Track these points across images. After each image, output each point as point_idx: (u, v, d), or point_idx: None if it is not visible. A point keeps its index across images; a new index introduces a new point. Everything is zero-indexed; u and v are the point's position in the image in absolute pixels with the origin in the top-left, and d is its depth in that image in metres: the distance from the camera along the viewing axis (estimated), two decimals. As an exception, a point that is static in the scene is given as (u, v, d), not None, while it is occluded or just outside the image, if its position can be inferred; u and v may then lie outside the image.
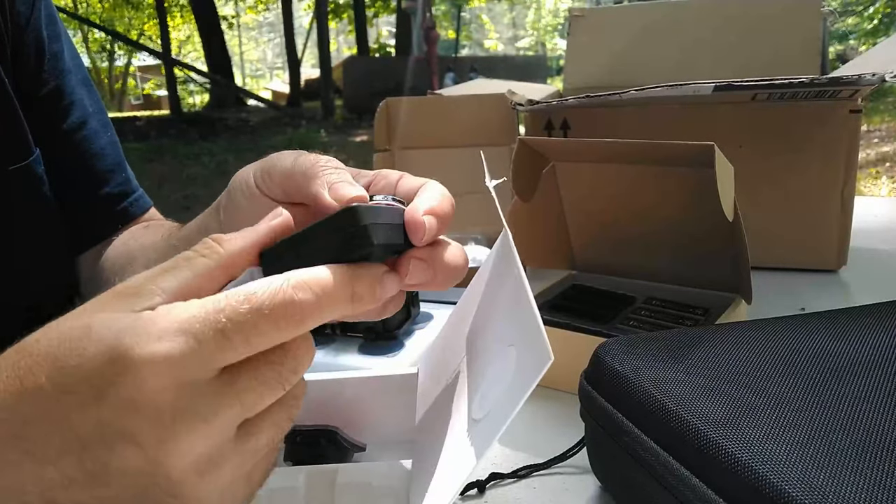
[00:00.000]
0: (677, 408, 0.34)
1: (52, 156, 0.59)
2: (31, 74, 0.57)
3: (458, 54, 19.50)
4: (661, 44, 0.98)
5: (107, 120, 0.64)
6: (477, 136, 0.88)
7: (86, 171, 0.61)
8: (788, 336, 0.40)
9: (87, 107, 0.62)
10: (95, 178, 0.62)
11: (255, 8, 21.40)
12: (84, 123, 0.61)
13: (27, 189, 0.56)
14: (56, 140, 0.59)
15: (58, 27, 0.61)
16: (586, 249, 0.69)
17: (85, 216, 0.62)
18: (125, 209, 0.63)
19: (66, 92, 0.60)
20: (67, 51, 0.61)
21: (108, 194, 0.62)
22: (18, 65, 0.56)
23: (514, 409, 0.28)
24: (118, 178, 0.63)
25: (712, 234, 0.57)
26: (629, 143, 0.55)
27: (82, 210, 0.61)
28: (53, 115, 0.59)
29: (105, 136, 0.63)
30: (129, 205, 0.64)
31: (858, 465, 0.28)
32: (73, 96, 0.61)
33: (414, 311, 0.61)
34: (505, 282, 0.34)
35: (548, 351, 0.27)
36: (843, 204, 0.76)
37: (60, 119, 0.60)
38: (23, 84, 0.56)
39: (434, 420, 0.37)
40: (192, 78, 16.47)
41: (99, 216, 0.62)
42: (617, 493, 0.41)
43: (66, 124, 0.60)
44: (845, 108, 0.73)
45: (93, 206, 0.62)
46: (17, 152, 0.55)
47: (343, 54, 24.25)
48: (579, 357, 0.43)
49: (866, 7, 10.40)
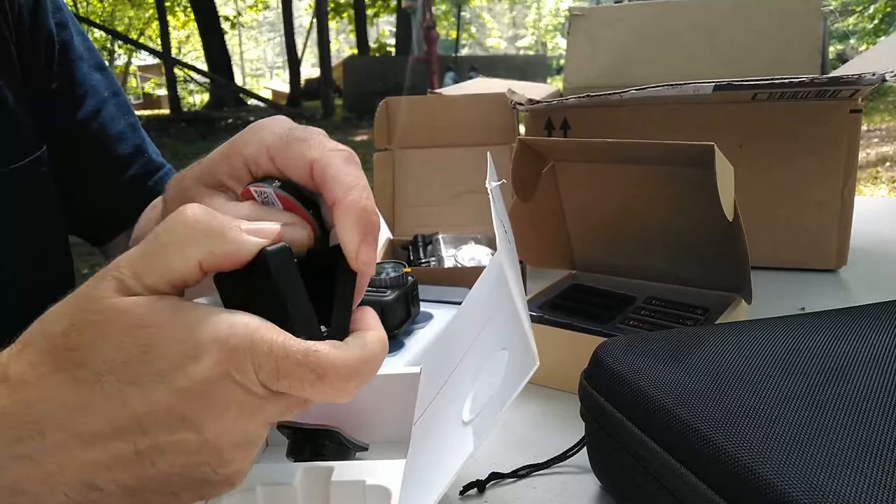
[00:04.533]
0: (677, 408, 0.34)
1: (71, 147, 0.58)
2: (42, 67, 0.57)
3: (458, 54, 19.50)
4: (661, 44, 0.98)
5: (124, 101, 0.64)
6: (477, 135, 0.88)
7: (107, 157, 0.61)
8: (788, 336, 0.40)
9: (102, 92, 0.62)
10: (117, 163, 0.62)
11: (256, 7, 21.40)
12: (99, 111, 0.61)
13: (27, 188, 0.56)
14: (73, 131, 0.59)
15: (64, 15, 0.60)
16: (586, 249, 0.69)
17: (110, 203, 0.62)
18: (150, 188, 0.63)
19: (79, 81, 0.60)
20: (77, 36, 0.60)
21: (132, 177, 0.62)
22: (26, 59, 0.56)
23: (500, 413, 0.29)
24: (140, 160, 0.63)
25: (712, 234, 0.57)
26: (629, 143, 0.55)
27: (108, 197, 0.62)
28: (68, 106, 0.59)
29: (122, 119, 0.63)
30: (154, 183, 0.64)
31: (858, 465, 0.28)
32: (87, 84, 0.60)
33: (414, 310, 0.61)
34: (503, 285, 0.34)
35: (534, 356, 0.27)
36: (843, 204, 0.76)
37: (75, 109, 0.59)
38: (33, 78, 0.56)
39: (428, 420, 0.37)
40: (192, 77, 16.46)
41: (124, 201, 0.63)
42: (617, 493, 0.41)
43: (80, 114, 0.60)
44: (845, 108, 0.73)
45: (118, 192, 0.62)
46: (17, 151, 0.54)
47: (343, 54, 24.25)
48: (579, 357, 0.43)
49: (866, 7, 10.40)
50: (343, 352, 0.29)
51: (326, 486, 0.39)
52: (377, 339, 0.30)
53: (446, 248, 0.80)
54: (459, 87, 1.11)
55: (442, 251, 0.79)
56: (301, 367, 0.27)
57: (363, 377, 0.29)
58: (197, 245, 0.27)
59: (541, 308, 0.62)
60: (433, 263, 0.78)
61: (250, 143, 0.33)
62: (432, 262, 0.78)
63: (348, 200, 0.30)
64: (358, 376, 0.29)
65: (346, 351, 0.29)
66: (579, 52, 1.02)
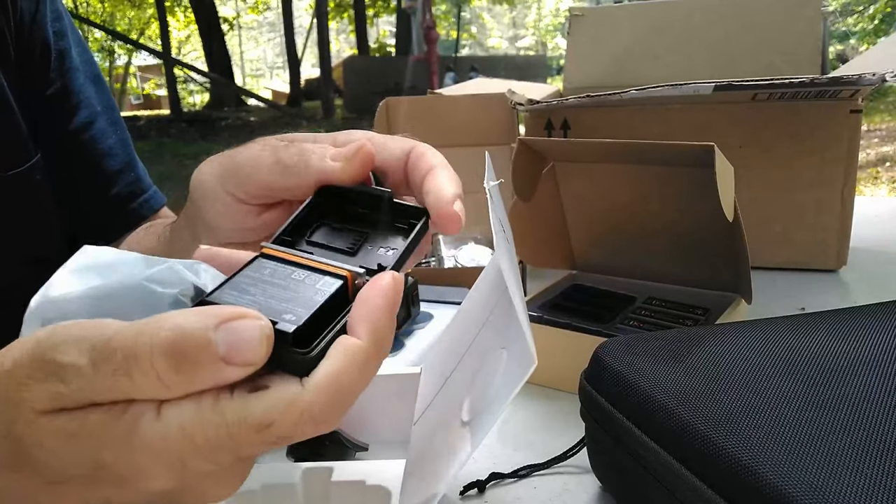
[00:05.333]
0: (677, 408, 0.34)
1: (59, 156, 0.58)
2: (37, 73, 0.56)
3: (458, 54, 19.51)
4: (661, 44, 0.98)
5: (117, 118, 0.63)
6: (477, 135, 0.88)
7: (94, 171, 0.60)
8: (788, 336, 0.40)
9: (96, 105, 0.61)
10: (104, 178, 0.61)
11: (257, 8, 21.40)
12: (91, 123, 0.60)
13: (25, 195, 0.55)
14: (63, 140, 0.58)
15: (64, 23, 0.59)
16: (586, 249, 0.69)
17: (93, 217, 0.61)
18: (134, 210, 0.62)
19: (74, 91, 0.59)
20: (75, 47, 0.60)
21: (117, 195, 0.61)
22: (24, 64, 0.55)
23: (499, 413, 0.29)
24: (127, 178, 0.62)
25: (712, 234, 0.57)
26: (629, 143, 0.55)
27: (91, 211, 0.60)
28: (60, 114, 0.58)
29: (114, 134, 0.62)
30: (139, 205, 0.62)
31: (858, 465, 0.28)
32: (81, 95, 0.60)
33: (414, 310, 0.61)
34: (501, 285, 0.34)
35: (532, 356, 0.27)
36: (843, 204, 0.76)
37: (67, 119, 0.58)
38: (28, 84, 0.55)
39: (428, 420, 0.37)
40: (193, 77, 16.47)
41: (107, 217, 0.61)
42: (617, 493, 0.41)
43: (72, 124, 0.59)
44: (845, 108, 0.73)
45: (101, 207, 0.61)
46: (16, 157, 0.54)
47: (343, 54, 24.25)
48: (579, 357, 0.43)
49: (866, 7, 10.40)
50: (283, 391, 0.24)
51: (326, 486, 0.39)
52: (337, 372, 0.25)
53: (446, 248, 0.80)
54: (459, 87, 1.11)
55: (442, 251, 0.79)
56: (256, 431, 0.23)
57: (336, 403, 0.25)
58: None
59: (541, 308, 0.62)
60: (433, 263, 0.78)
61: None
62: (432, 262, 0.78)
63: (442, 165, 0.32)
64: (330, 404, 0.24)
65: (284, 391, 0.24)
66: (579, 53, 1.02)
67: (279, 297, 0.26)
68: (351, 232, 0.32)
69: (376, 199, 0.32)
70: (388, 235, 0.32)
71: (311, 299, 0.26)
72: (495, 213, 0.35)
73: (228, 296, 0.26)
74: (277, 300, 0.26)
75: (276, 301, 0.26)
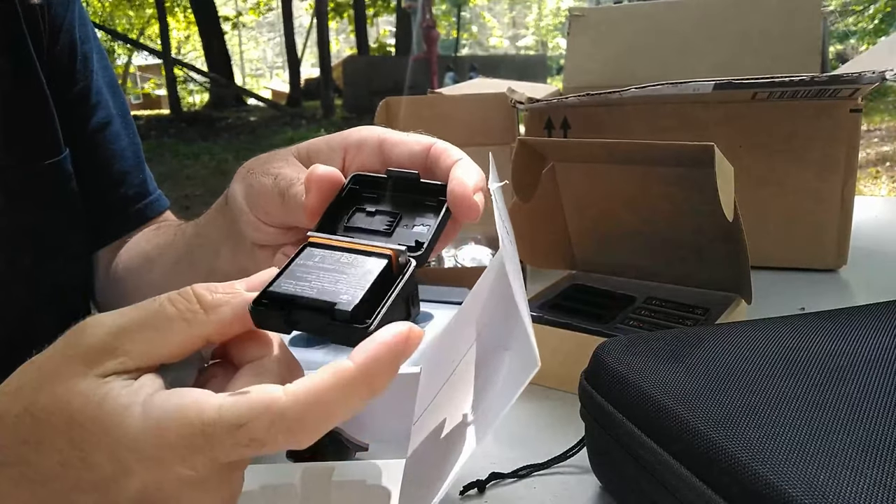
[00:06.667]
0: (677, 408, 0.34)
1: (76, 154, 0.60)
2: (64, 74, 0.59)
3: (458, 54, 19.50)
4: (661, 44, 0.98)
5: (130, 122, 0.66)
6: (477, 135, 0.88)
7: (105, 170, 0.62)
8: (788, 336, 0.40)
9: (112, 108, 0.63)
10: (114, 178, 0.63)
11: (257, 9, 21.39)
12: (108, 124, 0.62)
13: (59, 184, 0.58)
14: (81, 139, 0.60)
15: (88, 29, 0.62)
16: (586, 249, 0.69)
17: (100, 215, 0.63)
18: (139, 210, 0.64)
19: (94, 92, 0.62)
20: (97, 54, 0.63)
21: (125, 195, 0.63)
22: (53, 64, 0.58)
23: (501, 415, 0.29)
24: (135, 180, 0.64)
25: (712, 234, 0.57)
26: (629, 143, 0.55)
27: (98, 208, 0.62)
28: (80, 114, 0.61)
29: (126, 138, 0.64)
30: (144, 207, 0.65)
31: (859, 465, 0.28)
32: (100, 97, 0.62)
33: (414, 310, 0.61)
34: (505, 285, 0.34)
35: (535, 357, 0.27)
36: (843, 204, 0.76)
37: (86, 118, 0.61)
38: (55, 83, 0.58)
39: (428, 420, 0.37)
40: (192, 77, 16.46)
41: (113, 216, 0.63)
42: (617, 493, 0.41)
43: (91, 124, 0.61)
44: (845, 108, 0.73)
45: (108, 206, 0.63)
46: (51, 148, 0.57)
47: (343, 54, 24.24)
48: (579, 357, 0.43)
49: (866, 7, 10.40)
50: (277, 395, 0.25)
51: (326, 486, 0.39)
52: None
53: (446, 248, 0.80)
54: (459, 87, 1.11)
55: (442, 251, 0.79)
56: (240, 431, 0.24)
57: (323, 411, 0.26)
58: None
59: (541, 308, 0.62)
60: (433, 263, 0.78)
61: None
62: (432, 262, 0.78)
63: (467, 159, 0.34)
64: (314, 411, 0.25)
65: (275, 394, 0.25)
66: (579, 52, 1.02)
67: (333, 280, 0.29)
68: (385, 214, 0.34)
69: (404, 181, 0.35)
70: (420, 214, 0.34)
71: (363, 279, 0.29)
72: (499, 214, 0.35)
73: (287, 285, 0.29)
74: (332, 283, 0.29)
75: (331, 284, 0.29)
